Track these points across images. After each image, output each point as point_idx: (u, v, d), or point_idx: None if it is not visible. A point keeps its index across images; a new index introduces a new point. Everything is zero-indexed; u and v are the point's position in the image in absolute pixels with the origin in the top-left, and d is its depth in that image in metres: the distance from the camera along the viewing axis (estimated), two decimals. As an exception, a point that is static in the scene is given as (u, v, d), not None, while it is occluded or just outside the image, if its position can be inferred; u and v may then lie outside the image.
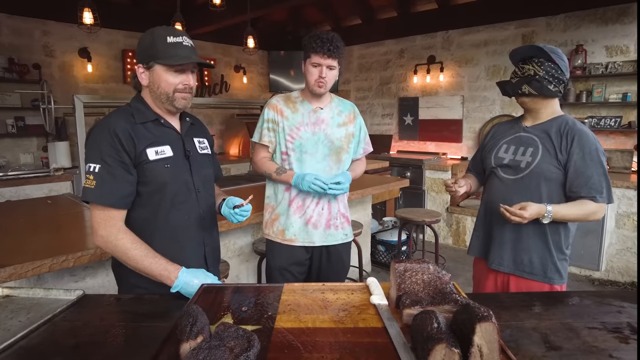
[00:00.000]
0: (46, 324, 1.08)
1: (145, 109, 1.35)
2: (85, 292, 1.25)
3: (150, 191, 1.32)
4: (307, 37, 1.77)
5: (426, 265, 1.08)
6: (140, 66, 1.32)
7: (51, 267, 1.64)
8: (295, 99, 1.90)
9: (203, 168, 1.46)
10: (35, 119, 4.80)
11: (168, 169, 1.33)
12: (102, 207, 1.25)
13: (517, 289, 1.67)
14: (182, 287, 1.23)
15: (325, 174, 1.86)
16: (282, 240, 1.89)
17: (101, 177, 1.24)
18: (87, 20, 3.51)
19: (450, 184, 1.75)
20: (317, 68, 1.75)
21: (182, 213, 1.38)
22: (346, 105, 1.96)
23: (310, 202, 1.86)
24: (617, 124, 4.30)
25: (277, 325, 0.99)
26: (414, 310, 0.97)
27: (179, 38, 1.29)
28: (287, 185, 1.87)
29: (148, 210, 1.33)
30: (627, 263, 3.87)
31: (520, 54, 1.67)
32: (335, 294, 1.17)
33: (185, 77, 1.32)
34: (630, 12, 4.23)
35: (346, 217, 1.99)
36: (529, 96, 1.63)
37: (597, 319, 1.11)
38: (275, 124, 1.86)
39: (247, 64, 6.90)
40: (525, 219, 1.50)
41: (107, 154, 1.24)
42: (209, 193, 1.49)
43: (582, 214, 1.56)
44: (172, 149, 1.35)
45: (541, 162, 1.61)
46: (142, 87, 1.37)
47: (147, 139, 1.31)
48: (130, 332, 1.06)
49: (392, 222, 4.72)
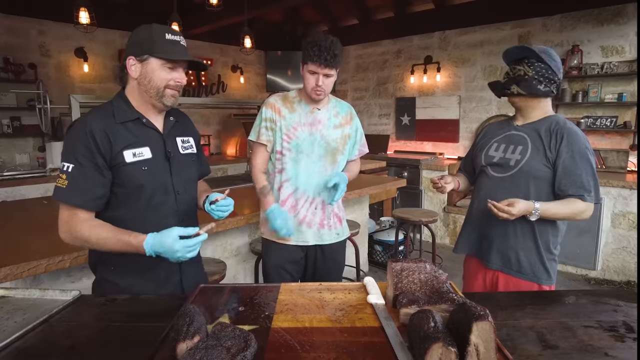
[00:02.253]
0: (42, 324, 1.08)
1: (127, 108, 1.33)
2: (82, 293, 1.25)
3: (126, 192, 1.30)
4: (306, 41, 1.75)
5: (423, 265, 1.09)
6: (132, 58, 1.29)
7: (47, 268, 1.63)
8: (293, 99, 1.89)
9: (185, 169, 1.43)
10: (31, 119, 4.78)
11: (145, 171, 1.30)
12: (70, 207, 1.24)
13: (506, 287, 1.68)
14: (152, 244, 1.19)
15: (320, 174, 1.86)
16: (277, 239, 1.89)
17: (73, 178, 1.22)
18: (84, 20, 3.49)
19: (437, 180, 1.77)
20: (314, 76, 1.74)
21: (158, 215, 1.35)
22: (343, 107, 1.96)
23: (304, 202, 1.87)
24: (612, 124, 4.32)
25: (274, 325, 0.99)
26: (411, 309, 0.97)
27: (176, 37, 1.30)
28: (279, 184, 1.87)
29: (124, 211, 1.32)
30: (623, 262, 3.89)
31: (512, 55, 1.68)
32: (333, 293, 1.17)
33: (178, 75, 1.32)
34: (625, 13, 4.26)
35: (339, 217, 1.99)
36: (518, 96, 1.65)
37: (592, 317, 1.11)
38: (273, 122, 1.86)
39: (244, 64, 6.89)
40: (512, 215, 1.50)
41: (81, 154, 1.22)
42: (190, 194, 1.46)
43: (569, 212, 1.57)
44: (151, 150, 1.33)
45: (530, 160, 1.61)
46: (127, 82, 1.35)
47: (125, 140, 1.29)
48: (126, 332, 1.05)
49: (390, 222, 4.72)
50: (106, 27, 5.21)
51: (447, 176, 1.81)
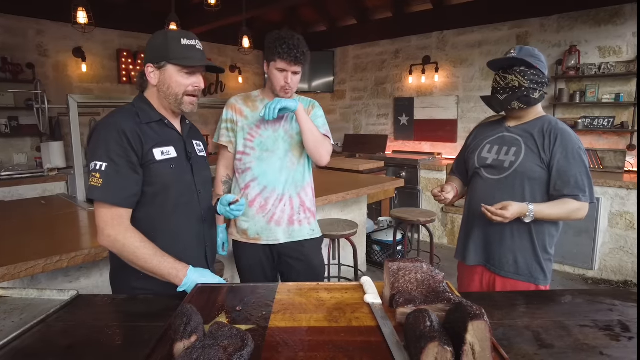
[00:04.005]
0: (39, 324, 1.08)
1: (150, 110, 1.36)
2: (79, 293, 1.25)
3: (154, 191, 1.31)
4: (271, 37, 1.73)
5: (420, 265, 1.09)
6: (150, 65, 1.33)
7: (45, 268, 1.63)
8: (256, 98, 1.89)
9: (202, 170, 1.47)
10: (29, 118, 4.78)
11: (173, 169, 1.34)
12: (108, 205, 1.24)
13: (503, 289, 1.67)
14: (190, 285, 1.24)
15: (288, 170, 1.83)
16: (247, 240, 1.86)
17: (108, 175, 1.22)
18: (82, 20, 3.49)
19: (438, 193, 1.76)
20: (283, 73, 1.74)
21: (184, 214, 1.39)
22: (305, 102, 1.94)
23: (275, 200, 1.83)
24: (610, 124, 4.34)
25: (271, 324, 0.99)
26: (408, 309, 0.97)
27: (192, 41, 1.33)
28: (244, 184, 1.84)
29: (152, 210, 1.33)
30: (620, 262, 3.90)
31: (500, 63, 1.66)
32: (330, 293, 1.18)
33: (196, 80, 1.35)
34: (622, 14, 4.27)
35: (312, 212, 1.93)
36: (518, 110, 1.65)
37: (588, 317, 1.12)
38: (233, 123, 1.86)
39: (243, 64, 6.90)
40: (507, 219, 1.51)
41: (114, 152, 1.23)
42: (208, 194, 1.50)
43: (564, 213, 1.57)
44: (175, 150, 1.37)
45: (524, 162, 1.62)
46: (146, 87, 1.38)
47: (153, 139, 1.31)
48: (124, 332, 1.06)
49: (388, 221, 4.73)
50: (104, 27, 5.22)
51: (445, 186, 1.80)
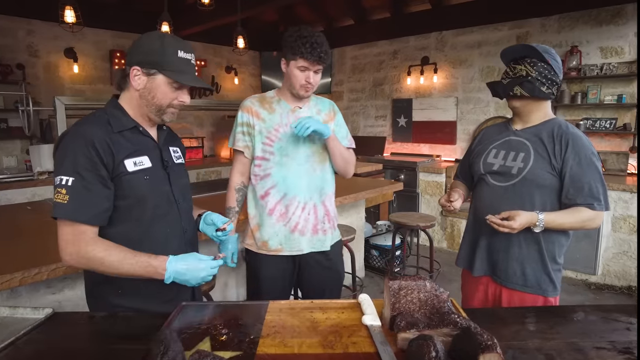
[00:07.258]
0: (8, 347, 0.99)
1: (123, 116, 1.25)
2: (61, 307, 1.16)
3: (129, 205, 1.22)
4: (292, 35, 1.65)
5: (422, 283, 1.00)
6: (137, 68, 1.21)
7: (22, 281, 1.53)
8: (272, 99, 1.80)
9: (180, 178, 1.38)
10: (19, 120, 4.65)
11: (147, 180, 1.24)
12: (72, 223, 1.14)
13: (509, 302, 1.59)
14: (175, 277, 1.15)
15: (309, 176, 1.76)
16: (267, 252, 1.79)
17: (75, 192, 1.12)
18: (69, 19, 3.37)
19: (445, 202, 1.66)
20: (305, 72, 1.66)
21: (164, 226, 1.29)
22: (325, 104, 1.87)
23: (296, 209, 1.75)
24: (612, 126, 4.26)
25: (259, 350, 0.90)
26: (410, 334, 0.89)
27: (189, 55, 1.26)
28: (263, 192, 1.76)
29: (128, 225, 1.23)
30: (623, 267, 3.82)
31: (512, 54, 1.59)
32: (325, 312, 1.09)
33: (184, 95, 1.28)
34: (624, 14, 4.20)
35: (335, 221, 1.89)
36: (520, 98, 1.55)
37: (604, 337, 1.04)
38: (250, 127, 1.76)
39: (239, 64, 6.80)
40: (514, 229, 1.42)
41: (82, 167, 1.13)
42: (188, 204, 1.41)
43: (577, 222, 1.48)
44: (150, 159, 1.27)
45: (534, 168, 1.52)
46: (125, 89, 1.27)
47: (125, 148, 1.21)
48: (99, 356, 0.97)
49: (386, 226, 4.64)
50: (96, 27, 5.12)
51: (452, 193, 1.70)
